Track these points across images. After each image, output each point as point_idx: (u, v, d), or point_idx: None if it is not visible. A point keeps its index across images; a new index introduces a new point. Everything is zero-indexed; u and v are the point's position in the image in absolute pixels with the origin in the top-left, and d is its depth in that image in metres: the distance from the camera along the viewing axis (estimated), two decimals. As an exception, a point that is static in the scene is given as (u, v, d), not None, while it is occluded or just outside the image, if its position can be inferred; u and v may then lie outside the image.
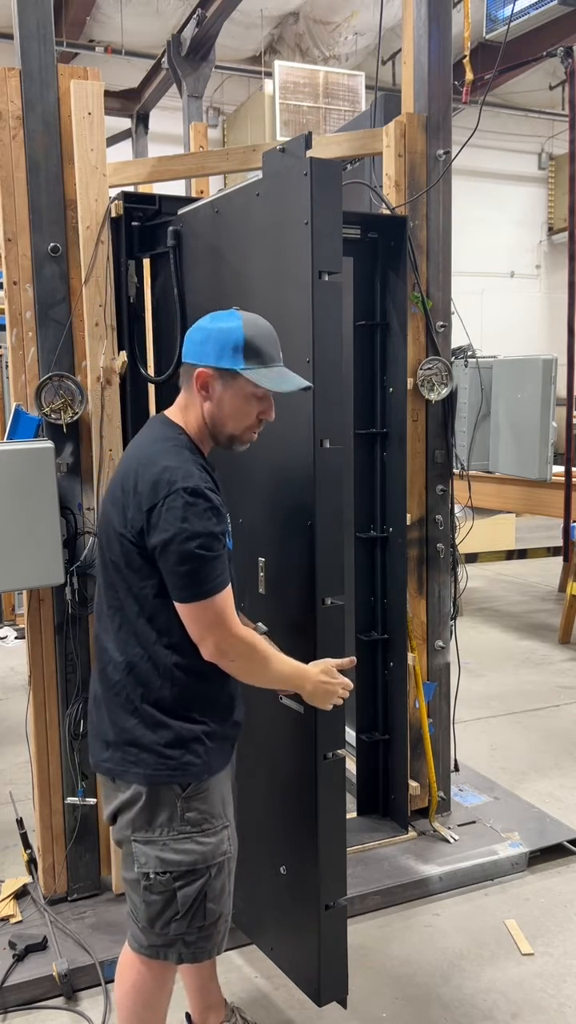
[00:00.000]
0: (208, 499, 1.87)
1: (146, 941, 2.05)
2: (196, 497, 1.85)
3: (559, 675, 5.70)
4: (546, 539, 9.78)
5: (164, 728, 1.96)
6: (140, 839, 2.00)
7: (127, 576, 1.96)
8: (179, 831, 1.98)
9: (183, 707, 1.98)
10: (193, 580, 1.86)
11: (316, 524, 2.20)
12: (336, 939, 2.35)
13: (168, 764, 1.96)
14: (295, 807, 2.39)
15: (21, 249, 2.86)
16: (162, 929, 2.02)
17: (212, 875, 2.01)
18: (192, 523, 1.84)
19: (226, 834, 2.05)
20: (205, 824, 2.00)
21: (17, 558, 2.73)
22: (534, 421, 5.84)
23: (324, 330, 2.18)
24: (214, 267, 2.65)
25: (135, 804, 1.99)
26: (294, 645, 2.27)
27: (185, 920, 2.00)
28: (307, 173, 2.13)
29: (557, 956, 2.87)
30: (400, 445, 3.35)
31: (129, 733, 1.98)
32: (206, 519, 1.85)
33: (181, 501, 1.84)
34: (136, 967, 2.10)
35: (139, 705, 1.97)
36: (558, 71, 11.99)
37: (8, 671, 5.87)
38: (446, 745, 3.60)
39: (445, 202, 3.35)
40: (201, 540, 1.84)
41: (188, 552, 1.84)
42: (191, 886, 1.99)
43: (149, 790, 1.97)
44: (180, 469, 1.89)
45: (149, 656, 1.97)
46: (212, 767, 2.01)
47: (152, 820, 1.98)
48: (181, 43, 7.29)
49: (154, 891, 2.00)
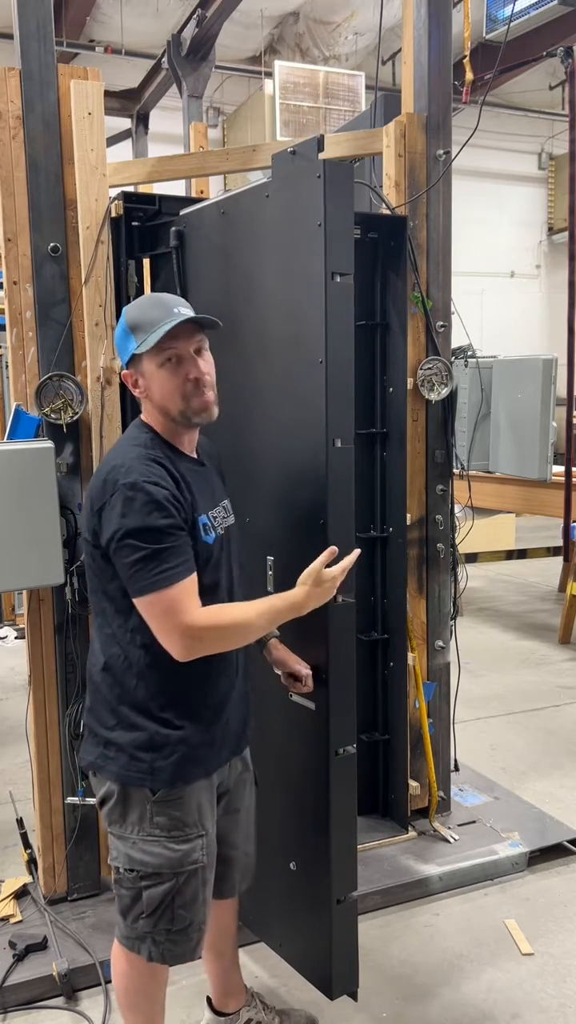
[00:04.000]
0: (147, 492, 1.85)
1: (121, 932, 2.10)
2: (134, 491, 1.86)
3: (559, 675, 5.70)
4: (546, 539, 9.77)
5: (138, 730, 1.98)
6: (114, 833, 2.05)
7: (99, 577, 1.99)
8: (148, 833, 2.00)
9: (159, 709, 1.98)
10: (137, 574, 1.86)
11: (328, 523, 2.20)
12: (347, 933, 2.36)
13: (139, 767, 1.97)
14: (306, 803, 2.40)
15: (21, 249, 2.86)
16: (132, 923, 2.05)
17: (180, 882, 2.01)
18: (130, 518, 1.85)
19: (199, 843, 2.04)
20: (175, 831, 2.00)
21: (17, 558, 2.73)
22: (534, 421, 5.84)
23: (336, 330, 2.19)
24: (220, 268, 2.66)
25: (110, 800, 2.03)
26: (304, 644, 2.28)
27: (151, 920, 2.02)
28: (320, 175, 2.14)
29: (557, 956, 2.87)
30: (400, 445, 3.35)
31: (108, 732, 2.01)
32: (144, 513, 1.85)
33: (121, 497, 1.86)
34: (121, 956, 2.15)
35: (116, 706, 2.00)
36: (558, 71, 11.98)
37: (8, 671, 5.86)
38: (446, 745, 3.60)
39: (445, 202, 3.35)
40: (140, 535, 1.84)
41: (128, 547, 1.85)
42: (156, 888, 2.00)
43: (120, 789, 2.00)
44: (124, 466, 1.90)
45: (125, 656, 1.98)
46: (186, 776, 2.00)
47: (125, 817, 2.02)
48: (181, 43, 7.29)
49: (122, 885, 2.05)
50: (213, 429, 2.17)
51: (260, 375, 2.47)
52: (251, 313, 2.47)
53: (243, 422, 2.52)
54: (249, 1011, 2.48)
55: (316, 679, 2.27)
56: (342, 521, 2.22)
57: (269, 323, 2.41)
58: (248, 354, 2.49)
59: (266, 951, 2.73)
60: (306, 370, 2.25)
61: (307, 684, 2.25)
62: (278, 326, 2.37)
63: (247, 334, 2.48)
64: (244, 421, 2.52)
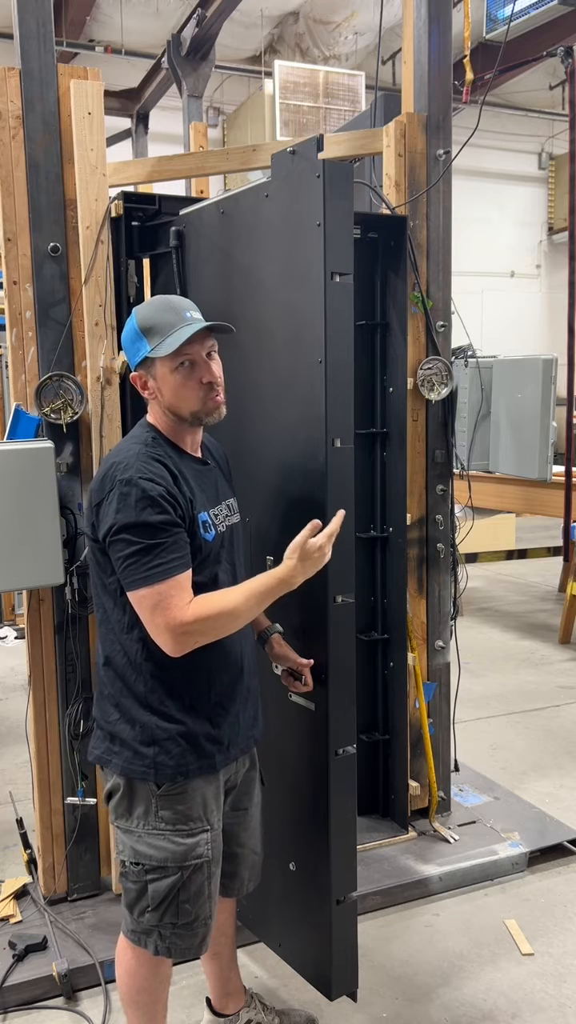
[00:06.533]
0: (142, 489, 1.88)
1: (128, 926, 2.11)
2: (129, 487, 1.89)
3: (559, 675, 5.70)
4: (546, 539, 9.78)
5: (140, 724, 2.00)
6: (121, 827, 2.07)
7: (99, 573, 2.03)
8: (153, 827, 2.02)
9: (160, 702, 1.99)
10: (128, 569, 1.89)
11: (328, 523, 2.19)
12: (347, 933, 2.36)
13: (142, 761, 1.99)
14: (306, 804, 2.40)
15: (21, 249, 2.86)
16: (138, 917, 2.07)
17: (185, 876, 2.02)
18: (124, 513, 1.88)
19: (204, 838, 2.04)
20: (180, 825, 2.02)
21: (17, 558, 2.73)
22: (534, 421, 5.84)
23: (336, 330, 2.19)
24: (220, 268, 2.66)
25: (116, 793, 2.05)
26: (304, 644, 2.28)
27: (157, 913, 2.03)
28: (320, 175, 2.14)
29: (557, 956, 2.87)
30: (400, 445, 3.35)
31: (112, 726, 2.04)
32: (138, 509, 1.87)
33: (117, 493, 1.90)
34: (127, 951, 2.16)
35: (120, 700, 2.03)
36: (558, 71, 11.99)
37: (8, 671, 5.87)
38: (446, 745, 3.60)
39: (445, 202, 3.35)
40: (133, 530, 1.87)
41: (121, 541, 1.89)
42: (161, 882, 2.02)
43: (126, 782, 2.03)
44: (123, 463, 1.94)
45: (124, 651, 2.01)
46: (188, 770, 2.01)
47: (130, 811, 2.04)
48: (181, 43, 7.29)
49: (129, 879, 2.07)
50: (213, 429, 2.17)
51: (260, 375, 2.47)
52: (251, 313, 2.47)
53: (243, 422, 2.52)
54: (248, 1012, 2.48)
55: (316, 679, 2.27)
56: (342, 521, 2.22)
57: (269, 323, 2.41)
58: (248, 354, 2.49)
59: (266, 951, 2.73)
60: (306, 370, 2.25)
61: (307, 682, 2.26)
62: (278, 326, 2.37)
63: (247, 334, 2.47)
64: (244, 421, 2.52)
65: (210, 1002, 2.49)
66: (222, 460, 2.28)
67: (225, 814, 2.17)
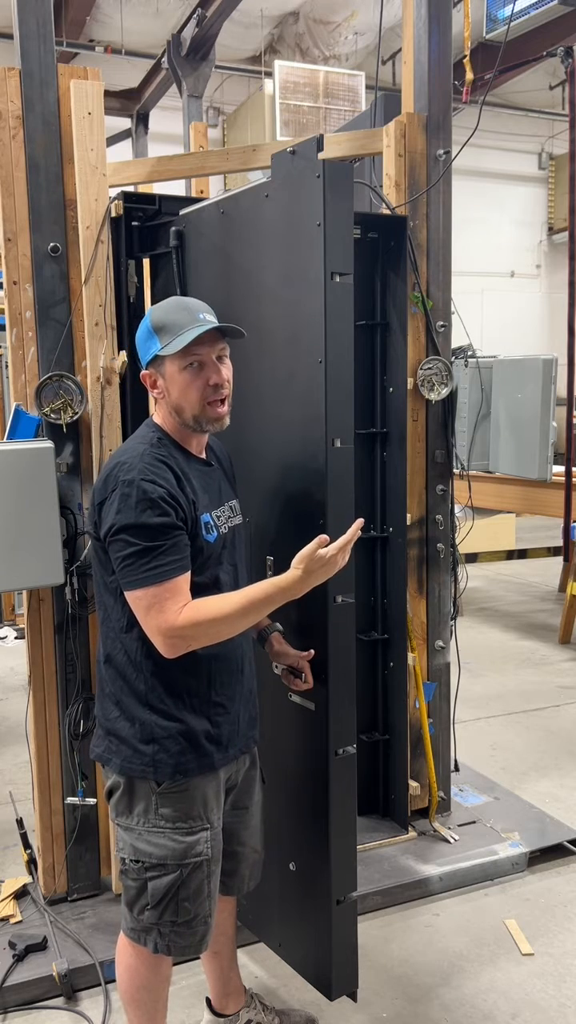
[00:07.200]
0: (143, 490, 1.88)
1: (128, 924, 2.11)
2: (130, 488, 1.89)
3: (559, 675, 5.70)
4: (546, 539, 9.78)
5: (140, 722, 2.00)
6: (121, 824, 2.07)
7: (101, 571, 2.04)
8: (154, 824, 2.02)
9: (159, 701, 2.00)
10: (126, 569, 1.90)
11: (328, 523, 2.20)
12: (347, 934, 2.36)
13: (141, 759, 2.00)
14: (306, 804, 2.40)
15: (21, 249, 2.86)
16: (138, 915, 2.07)
17: (185, 874, 2.02)
18: (124, 514, 1.89)
19: (204, 836, 2.05)
20: (180, 823, 2.02)
21: (17, 558, 2.73)
22: (534, 421, 5.84)
23: (336, 330, 2.19)
24: (220, 268, 2.66)
25: (117, 791, 2.06)
26: (304, 643, 2.28)
27: (156, 911, 2.04)
28: (320, 176, 2.14)
29: (557, 956, 2.87)
30: (400, 445, 3.35)
31: (113, 724, 2.05)
32: (139, 511, 1.88)
33: (118, 493, 1.90)
34: (127, 949, 2.16)
35: (120, 698, 2.03)
36: (558, 71, 11.98)
37: (8, 671, 5.87)
38: (446, 745, 3.60)
39: (445, 202, 3.35)
40: (132, 531, 1.88)
41: (120, 541, 1.90)
42: (161, 879, 2.02)
43: (126, 780, 2.03)
44: (126, 463, 1.95)
45: (125, 649, 2.02)
46: (188, 769, 2.01)
47: (131, 808, 2.04)
48: (181, 43, 7.29)
49: (128, 876, 2.07)
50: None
51: (260, 375, 2.47)
52: (251, 313, 2.47)
53: (243, 422, 2.51)
54: (248, 1012, 2.48)
55: (316, 678, 2.27)
56: (342, 521, 2.22)
57: (269, 323, 2.41)
58: (248, 354, 2.49)
59: (266, 951, 2.73)
60: (306, 370, 2.25)
61: (307, 679, 2.26)
62: (278, 326, 2.37)
63: (247, 334, 2.47)
64: (244, 421, 2.51)
65: (210, 1002, 2.49)
66: (225, 461, 2.28)
67: (226, 813, 2.17)
